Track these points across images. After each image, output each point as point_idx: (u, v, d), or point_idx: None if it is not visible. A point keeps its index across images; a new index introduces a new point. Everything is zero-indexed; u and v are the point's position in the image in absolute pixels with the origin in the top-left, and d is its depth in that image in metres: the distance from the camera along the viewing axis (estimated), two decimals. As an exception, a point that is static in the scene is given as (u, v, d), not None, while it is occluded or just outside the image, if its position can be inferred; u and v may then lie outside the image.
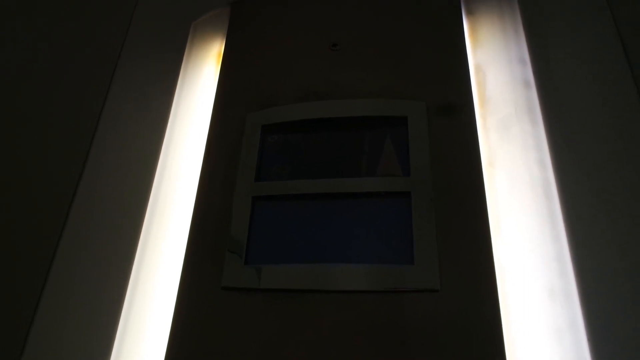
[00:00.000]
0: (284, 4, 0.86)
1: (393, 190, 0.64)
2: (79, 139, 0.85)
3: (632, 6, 0.70)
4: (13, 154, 0.86)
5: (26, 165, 0.85)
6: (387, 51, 0.75)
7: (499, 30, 0.76)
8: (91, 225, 0.76)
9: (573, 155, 0.65)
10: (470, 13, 0.78)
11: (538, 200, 0.63)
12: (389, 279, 0.59)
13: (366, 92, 0.73)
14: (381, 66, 0.74)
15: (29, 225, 0.78)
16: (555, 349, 0.54)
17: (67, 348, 0.68)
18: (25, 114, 0.91)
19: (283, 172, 0.70)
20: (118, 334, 0.66)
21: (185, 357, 0.61)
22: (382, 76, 0.73)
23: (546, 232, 0.61)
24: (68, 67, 0.97)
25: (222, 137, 0.76)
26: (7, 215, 0.79)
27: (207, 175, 0.73)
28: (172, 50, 0.92)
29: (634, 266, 0.57)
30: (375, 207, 0.64)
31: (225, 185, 0.71)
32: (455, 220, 0.61)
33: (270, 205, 0.68)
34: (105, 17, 1.02)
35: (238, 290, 0.63)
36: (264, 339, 0.59)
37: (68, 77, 0.95)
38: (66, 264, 0.74)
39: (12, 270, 0.74)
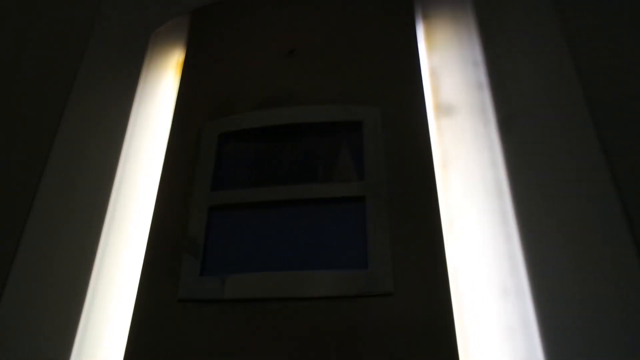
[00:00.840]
0: (243, 12, 0.86)
1: (348, 195, 0.64)
2: (36, 147, 0.84)
3: (578, 10, 0.72)
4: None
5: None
6: (343, 57, 0.76)
7: (453, 33, 0.77)
8: (47, 236, 0.75)
9: (524, 155, 0.66)
10: (425, 17, 0.79)
11: (490, 200, 0.64)
12: (344, 284, 0.59)
13: (323, 98, 0.73)
14: (337, 72, 0.75)
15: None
16: (507, 347, 0.55)
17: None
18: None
19: (241, 180, 0.70)
20: (74, 353, 0.65)
21: (141, 371, 0.60)
22: (338, 82, 0.74)
23: (498, 232, 0.61)
24: (25, 76, 0.96)
25: (180, 147, 0.75)
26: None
27: (165, 186, 0.73)
28: (131, 60, 0.91)
29: (585, 264, 0.58)
30: (332, 213, 0.64)
31: (183, 196, 0.70)
32: (408, 222, 0.61)
33: (227, 214, 0.67)
34: (64, 25, 1.01)
35: (195, 302, 0.63)
36: (223, 350, 0.59)
37: (24, 85, 0.94)
38: (22, 275, 0.73)
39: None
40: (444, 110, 0.71)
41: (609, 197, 0.60)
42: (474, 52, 0.76)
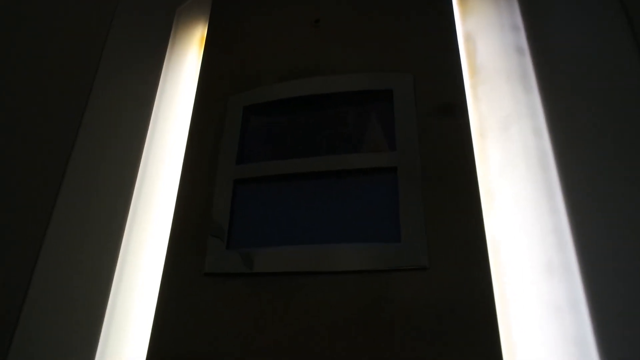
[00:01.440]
0: (267, -17, 0.83)
1: (379, 165, 0.61)
2: (65, 125, 0.85)
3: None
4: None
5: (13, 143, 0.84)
6: (371, 24, 0.72)
7: (490, -4, 0.72)
8: (77, 211, 0.75)
9: (570, 124, 0.61)
10: (459, -20, 0.74)
11: (533, 171, 0.59)
12: (376, 258, 0.56)
13: (351, 67, 0.69)
14: (365, 39, 0.71)
15: (18, 212, 0.77)
16: (554, 328, 0.51)
17: (55, 335, 0.67)
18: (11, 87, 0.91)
19: (267, 153, 0.68)
20: (104, 324, 0.65)
21: (169, 344, 0.59)
22: (367, 50, 0.70)
23: (543, 204, 0.57)
24: (54, 53, 0.97)
25: (205, 121, 0.74)
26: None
27: (190, 160, 0.71)
28: (157, 37, 0.90)
29: (637, 239, 0.53)
30: (361, 184, 0.61)
31: (208, 169, 0.68)
32: (444, 194, 0.58)
33: (252, 187, 0.65)
34: (90, 4, 1.01)
35: (221, 276, 0.61)
36: (249, 323, 0.57)
37: (54, 62, 0.95)
38: (53, 251, 0.74)
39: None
40: (481, 76, 0.66)
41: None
42: (514, 16, 0.70)
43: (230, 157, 0.67)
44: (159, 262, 0.65)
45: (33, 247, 0.74)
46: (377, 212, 0.59)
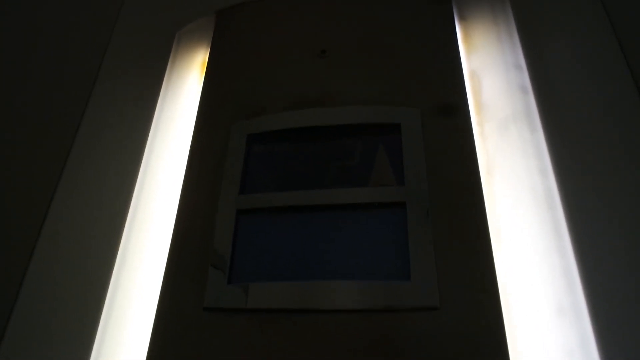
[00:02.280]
0: (271, 11, 0.84)
1: (387, 200, 0.60)
2: (57, 147, 0.82)
3: (628, 7, 0.68)
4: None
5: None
6: (378, 57, 0.72)
7: (493, 36, 0.74)
8: (66, 238, 0.72)
9: (575, 162, 0.62)
10: (462, 18, 0.76)
11: (541, 211, 0.59)
12: (384, 296, 0.54)
13: (357, 99, 0.69)
14: (372, 72, 0.71)
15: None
16: (566, 371, 0.50)
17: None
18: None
19: (270, 183, 0.66)
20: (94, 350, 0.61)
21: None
22: (374, 83, 0.70)
23: (551, 245, 0.57)
24: (49, 75, 0.94)
25: (206, 148, 0.72)
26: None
27: (190, 188, 0.69)
28: (155, 60, 0.89)
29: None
30: (368, 219, 0.60)
31: (209, 198, 0.66)
32: (453, 231, 0.57)
33: (255, 219, 0.63)
34: (87, 25, 0.99)
35: (222, 311, 0.58)
36: (249, 362, 0.54)
37: (49, 84, 0.92)
38: (38, 283, 0.69)
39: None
40: (487, 114, 0.67)
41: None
42: (516, 55, 0.72)
43: (233, 186, 0.65)
44: (154, 294, 0.62)
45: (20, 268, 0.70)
46: (384, 249, 0.58)
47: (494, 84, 0.69)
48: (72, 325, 0.65)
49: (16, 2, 1.06)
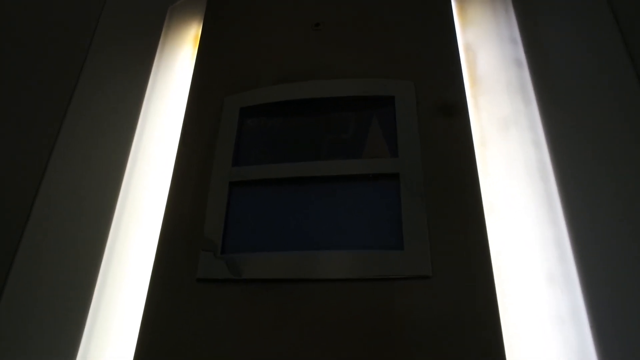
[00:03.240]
0: (265, -15, 0.82)
1: (380, 172, 0.60)
2: (47, 123, 0.81)
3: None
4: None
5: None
6: (372, 31, 0.72)
7: (488, 9, 0.73)
8: (58, 214, 0.71)
9: (569, 134, 0.61)
10: (458, -9, 0.75)
11: (533, 182, 0.59)
12: (377, 265, 0.55)
13: (351, 72, 0.69)
14: (366, 46, 0.70)
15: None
16: (556, 337, 0.50)
17: (34, 338, 0.63)
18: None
19: (263, 156, 0.66)
20: (86, 328, 0.61)
21: (156, 352, 0.55)
22: (368, 56, 0.69)
23: (543, 215, 0.57)
24: (40, 48, 0.92)
25: (199, 122, 0.71)
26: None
27: (182, 161, 0.68)
28: (147, 35, 0.88)
29: (636, 249, 0.54)
30: (362, 191, 0.60)
31: (202, 171, 0.66)
32: (447, 202, 0.57)
33: (248, 191, 0.63)
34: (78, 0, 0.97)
35: (214, 282, 0.58)
36: (243, 332, 0.54)
37: (39, 59, 0.91)
38: (32, 254, 0.69)
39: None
40: (481, 86, 0.66)
41: (665, 179, 0.56)
42: (511, 29, 0.71)
43: (226, 159, 0.65)
44: (147, 265, 0.62)
45: (10, 246, 0.69)
46: (378, 219, 0.58)
47: (489, 57, 0.69)
48: (66, 301, 0.64)
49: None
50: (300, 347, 0.53)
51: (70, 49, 0.91)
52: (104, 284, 0.64)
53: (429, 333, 0.50)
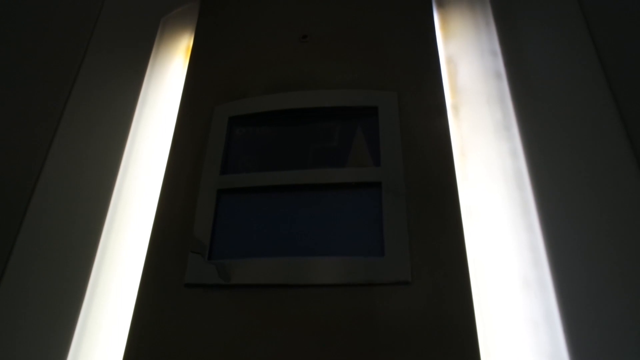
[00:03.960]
0: (254, -2, 0.85)
1: (363, 180, 0.62)
2: (42, 129, 0.83)
3: (599, -3, 0.71)
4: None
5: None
6: (357, 42, 0.74)
7: (470, 22, 0.76)
8: (50, 219, 0.73)
9: (545, 145, 0.64)
10: (440, 5, 0.77)
11: (511, 191, 0.61)
12: (359, 271, 0.57)
13: (336, 83, 0.71)
14: (351, 57, 0.73)
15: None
16: (530, 341, 0.52)
17: (22, 346, 0.64)
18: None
19: (251, 164, 0.68)
20: (76, 334, 0.63)
21: (144, 356, 0.57)
22: (353, 67, 0.72)
23: (519, 222, 0.59)
24: (34, 58, 0.94)
25: (189, 131, 0.73)
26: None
27: (173, 169, 0.70)
28: (140, 46, 0.90)
29: (609, 255, 0.56)
30: (345, 199, 0.62)
31: (191, 179, 0.68)
32: (426, 210, 0.59)
33: (236, 198, 0.65)
34: (73, 10, 0.99)
35: (202, 287, 0.60)
36: (230, 336, 0.56)
37: (34, 67, 0.93)
38: (23, 258, 0.71)
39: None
40: (462, 98, 0.69)
41: (635, 188, 0.58)
42: (492, 41, 0.74)
43: (214, 167, 0.67)
44: (137, 270, 0.63)
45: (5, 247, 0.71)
46: (361, 226, 0.60)
47: (469, 69, 0.71)
48: (56, 304, 0.66)
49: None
50: (286, 351, 0.54)
51: (64, 58, 0.92)
52: (94, 288, 0.66)
53: (408, 336, 0.52)
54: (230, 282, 0.59)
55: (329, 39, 0.75)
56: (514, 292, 0.55)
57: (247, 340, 0.55)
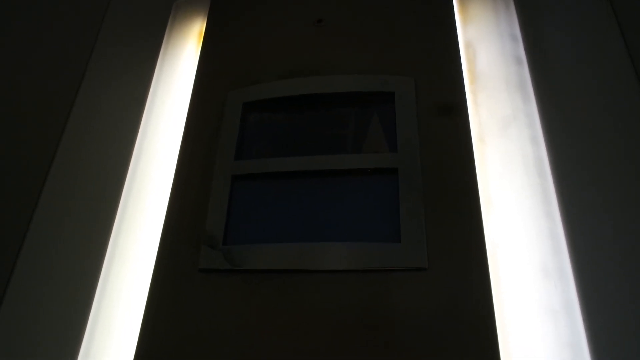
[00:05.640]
0: (268, -18, 0.83)
1: (379, 166, 0.61)
2: (55, 115, 0.83)
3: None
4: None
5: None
6: (373, 27, 0.73)
7: (489, 6, 0.74)
8: (66, 203, 0.73)
9: (566, 132, 0.62)
10: (460, -12, 0.75)
11: (531, 178, 0.60)
12: (374, 257, 0.56)
13: (352, 68, 0.70)
14: (368, 42, 0.71)
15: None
16: (549, 330, 0.51)
17: (39, 328, 0.65)
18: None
19: (265, 150, 0.67)
20: (90, 318, 0.63)
21: (159, 341, 0.57)
22: (369, 52, 0.70)
23: (539, 210, 0.58)
24: (46, 43, 0.94)
25: (202, 116, 0.73)
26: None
27: (186, 155, 0.70)
28: (152, 30, 0.89)
29: (630, 244, 0.55)
30: (361, 185, 0.61)
31: (205, 164, 0.67)
32: (444, 197, 0.58)
33: (250, 184, 0.64)
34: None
35: (216, 272, 0.60)
36: (244, 321, 0.56)
37: (46, 52, 0.93)
38: (39, 241, 0.72)
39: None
40: (481, 83, 0.67)
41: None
42: (512, 26, 0.72)
43: (228, 153, 0.66)
44: (151, 256, 0.63)
45: (16, 236, 0.71)
46: (377, 213, 0.59)
47: (488, 54, 0.70)
48: (71, 289, 0.66)
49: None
50: (299, 336, 0.54)
51: (76, 44, 0.92)
52: (108, 273, 0.66)
53: (424, 323, 0.52)
54: (243, 268, 0.58)
55: (344, 24, 0.73)
56: (533, 280, 0.54)
57: (260, 324, 0.55)
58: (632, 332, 0.51)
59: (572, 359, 0.50)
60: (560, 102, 0.65)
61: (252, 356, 0.54)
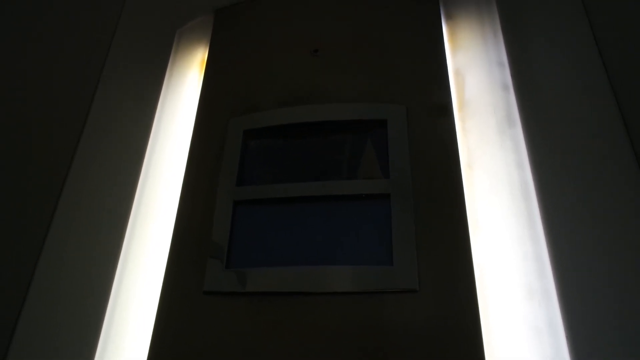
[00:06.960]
0: (267, 11, 0.87)
1: (373, 192, 0.64)
2: (63, 142, 0.86)
3: (607, 9, 0.72)
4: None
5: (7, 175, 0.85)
6: (367, 56, 0.76)
7: (478, 34, 0.77)
8: (74, 230, 0.76)
9: (551, 157, 0.65)
10: (449, 17, 0.79)
11: (516, 202, 0.63)
12: (369, 280, 0.59)
13: (347, 96, 0.73)
14: (361, 71, 0.75)
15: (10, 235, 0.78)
16: (534, 347, 0.54)
17: (48, 350, 0.67)
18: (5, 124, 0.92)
19: (265, 176, 0.71)
20: (100, 342, 0.66)
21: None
22: (363, 80, 0.74)
23: (525, 233, 0.61)
24: (53, 73, 0.98)
25: (205, 143, 0.76)
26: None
27: (190, 180, 0.74)
28: (156, 58, 0.93)
29: (612, 266, 0.58)
30: (356, 209, 0.65)
31: (208, 190, 0.71)
32: (434, 221, 0.61)
33: (252, 209, 0.68)
34: (90, 23, 1.03)
35: (220, 295, 0.63)
36: (246, 341, 0.59)
37: (52, 82, 0.96)
38: (49, 271, 0.74)
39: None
40: (469, 110, 0.71)
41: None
42: (499, 53, 0.75)
43: (230, 179, 0.70)
44: (157, 279, 0.67)
45: (28, 266, 0.75)
46: (371, 236, 0.62)
47: (477, 81, 0.73)
48: (81, 311, 0.69)
49: (19, 1, 1.10)
50: (299, 356, 0.57)
51: (84, 70, 0.96)
52: (116, 297, 0.69)
53: (415, 343, 0.55)
54: (246, 290, 0.62)
55: (339, 53, 0.77)
56: (519, 300, 0.57)
57: (262, 345, 0.58)
58: (612, 348, 0.54)
59: (555, 376, 0.53)
60: (545, 128, 0.68)
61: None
